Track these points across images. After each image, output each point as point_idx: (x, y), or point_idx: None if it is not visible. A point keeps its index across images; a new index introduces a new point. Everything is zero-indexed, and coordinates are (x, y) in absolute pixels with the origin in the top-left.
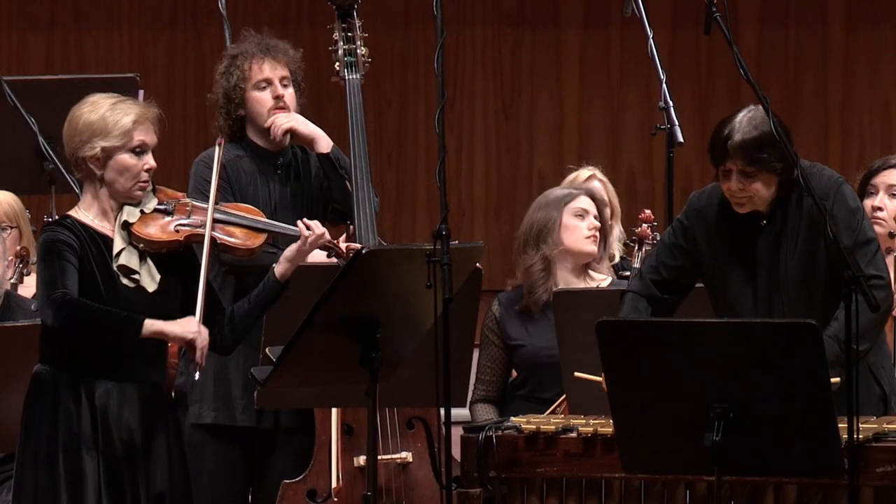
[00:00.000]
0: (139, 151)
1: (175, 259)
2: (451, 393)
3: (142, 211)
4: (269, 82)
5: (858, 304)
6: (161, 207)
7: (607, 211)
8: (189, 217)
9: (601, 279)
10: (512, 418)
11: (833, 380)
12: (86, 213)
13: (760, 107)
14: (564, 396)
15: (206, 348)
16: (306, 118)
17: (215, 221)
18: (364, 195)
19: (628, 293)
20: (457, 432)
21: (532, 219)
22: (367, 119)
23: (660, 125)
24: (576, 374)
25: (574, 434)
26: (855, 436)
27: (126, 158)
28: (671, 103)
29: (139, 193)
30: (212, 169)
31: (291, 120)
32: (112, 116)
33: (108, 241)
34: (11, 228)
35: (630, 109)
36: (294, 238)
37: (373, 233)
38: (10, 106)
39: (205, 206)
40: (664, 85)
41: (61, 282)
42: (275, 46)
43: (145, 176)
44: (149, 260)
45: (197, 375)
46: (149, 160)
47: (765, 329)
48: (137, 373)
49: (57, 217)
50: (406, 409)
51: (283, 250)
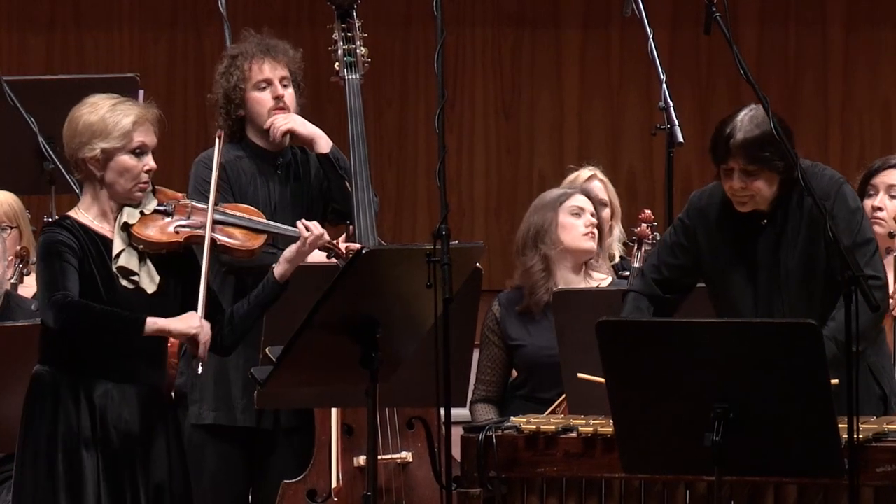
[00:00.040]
0: (139, 153)
1: (174, 260)
2: (452, 393)
3: (142, 212)
4: (269, 83)
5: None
6: (161, 208)
7: (607, 211)
8: (189, 218)
9: (601, 279)
10: (512, 418)
11: (832, 381)
12: (85, 214)
13: (762, 105)
14: (564, 396)
15: (209, 342)
16: (306, 118)
17: (215, 222)
18: (364, 195)
19: (630, 293)
20: (457, 432)
21: (529, 222)
22: (368, 119)
23: (660, 125)
24: (579, 376)
25: (574, 434)
26: (855, 436)
27: (126, 160)
28: (671, 103)
29: (139, 194)
30: (211, 169)
31: (290, 121)
32: (112, 118)
33: (108, 243)
34: (11, 228)
35: (630, 109)
36: (293, 239)
37: (373, 233)
38: (11, 106)
39: (204, 207)
40: (664, 85)
41: (62, 283)
42: (275, 47)
43: (145, 177)
44: (148, 261)
45: (200, 369)
46: (149, 161)
47: (765, 329)
48: (137, 373)
49: (57, 217)
50: (406, 409)
51: (283, 250)
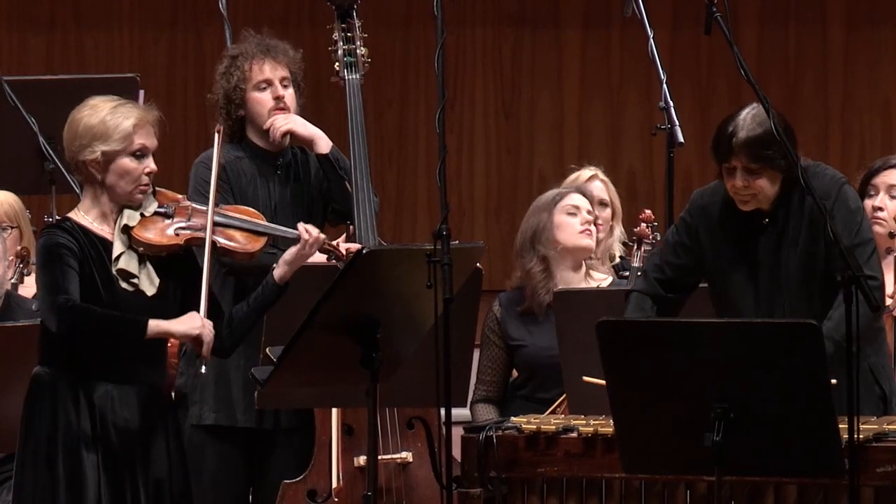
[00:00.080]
0: (140, 155)
1: (174, 262)
2: (452, 393)
3: (142, 214)
4: (270, 83)
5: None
6: (161, 210)
7: (608, 211)
8: (189, 220)
9: (601, 279)
10: (512, 418)
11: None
12: (85, 216)
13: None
14: (565, 396)
15: (212, 342)
16: (306, 118)
17: (215, 224)
18: (364, 195)
19: (633, 293)
20: (457, 432)
21: (526, 224)
22: (368, 119)
23: (660, 125)
24: (585, 379)
25: (574, 434)
26: (855, 436)
27: (126, 162)
28: (671, 103)
29: (140, 197)
30: (211, 170)
31: (290, 121)
32: (112, 120)
33: (108, 245)
34: (12, 228)
35: (630, 109)
36: (294, 241)
37: (373, 233)
38: (11, 106)
39: (205, 209)
40: (664, 85)
41: (63, 287)
42: (275, 47)
43: (146, 179)
44: (148, 263)
45: (203, 369)
46: (149, 164)
47: (765, 329)
48: (137, 374)
49: (56, 219)
50: (406, 409)
51: (284, 251)
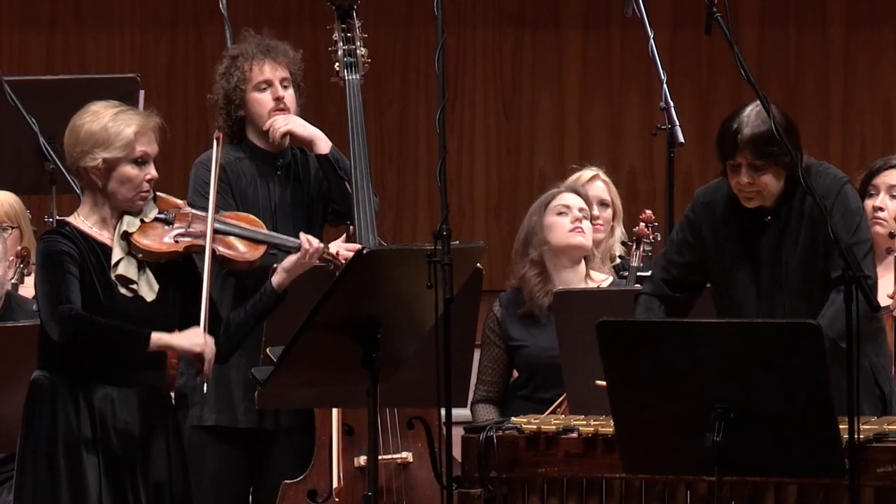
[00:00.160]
0: (141, 162)
1: (174, 268)
2: (452, 393)
3: (142, 220)
4: (270, 83)
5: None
6: (161, 217)
7: (609, 211)
8: (189, 227)
9: (601, 279)
10: (513, 418)
11: None
12: (85, 221)
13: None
14: (565, 396)
15: (213, 360)
16: (307, 118)
17: (215, 232)
18: (364, 196)
19: (641, 295)
20: (457, 432)
21: (521, 228)
22: (368, 119)
23: (660, 125)
24: (598, 383)
25: (575, 434)
26: (856, 436)
27: (128, 169)
28: (672, 103)
29: (140, 203)
30: (211, 170)
31: (290, 122)
32: (114, 127)
33: (108, 250)
34: (12, 229)
35: (631, 110)
36: (294, 249)
37: (373, 233)
38: (11, 106)
39: (205, 216)
40: (665, 85)
41: (65, 295)
42: (275, 48)
43: (147, 186)
44: (147, 270)
45: (205, 388)
46: (150, 170)
47: (766, 329)
48: (137, 377)
49: (56, 224)
50: (406, 410)
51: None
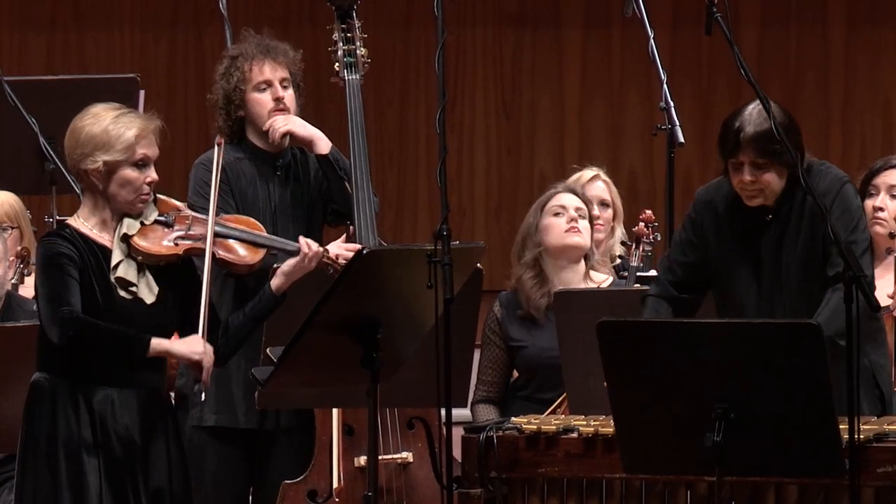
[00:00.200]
0: (141, 165)
1: (173, 270)
2: (452, 393)
3: (142, 222)
4: (269, 84)
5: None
6: (161, 219)
7: (609, 212)
8: (189, 229)
9: (601, 279)
10: (513, 419)
11: None
12: (85, 223)
13: (762, 105)
14: (565, 396)
15: (212, 368)
16: (307, 118)
17: (215, 235)
18: (364, 196)
19: (648, 297)
20: (457, 433)
21: (520, 230)
22: (368, 119)
23: (660, 125)
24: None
25: (575, 434)
26: (856, 436)
27: (128, 172)
28: (672, 104)
29: (141, 206)
30: (212, 171)
31: (289, 123)
32: (115, 130)
33: (107, 253)
34: (12, 229)
35: (631, 110)
36: (293, 253)
37: (373, 233)
38: (11, 106)
39: (205, 218)
40: (665, 85)
41: (65, 298)
42: (275, 48)
43: (147, 189)
44: (147, 272)
45: (203, 397)
46: (151, 173)
47: (766, 329)
48: (137, 378)
49: (56, 226)
50: (407, 410)
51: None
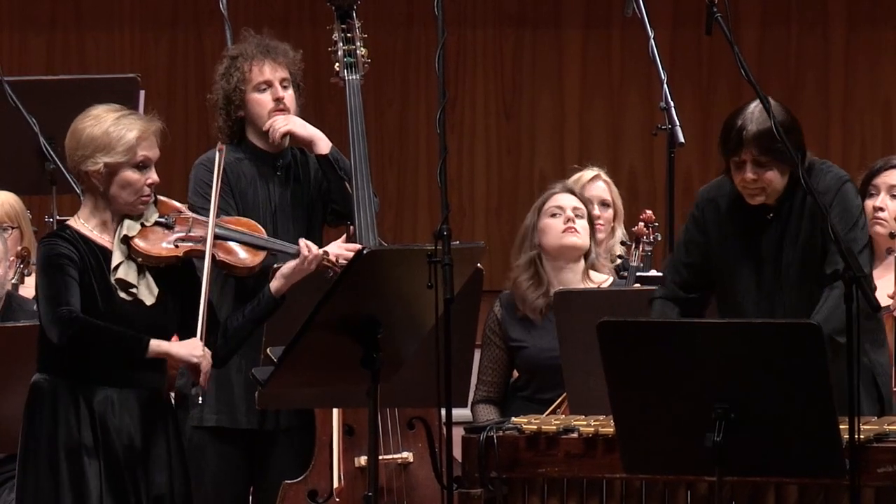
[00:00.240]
0: (142, 166)
1: (173, 272)
2: (453, 393)
3: (142, 224)
4: (270, 84)
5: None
6: (161, 221)
7: (609, 212)
8: (189, 231)
9: (601, 279)
10: (513, 419)
11: None
12: (85, 224)
13: (770, 99)
14: (565, 396)
15: (210, 372)
16: (307, 118)
17: (215, 237)
18: (364, 196)
19: (655, 299)
20: (458, 433)
21: (519, 231)
22: (369, 119)
23: (661, 125)
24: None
25: (575, 434)
26: (856, 436)
27: (129, 174)
28: (672, 104)
29: (141, 208)
30: (212, 172)
31: (289, 123)
32: (116, 132)
33: (108, 254)
34: (12, 229)
35: (631, 110)
36: (293, 255)
37: (373, 233)
38: (12, 106)
39: (205, 220)
40: (665, 85)
41: (65, 298)
42: (275, 48)
43: (148, 191)
44: (147, 273)
45: (200, 400)
46: (151, 175)
47: (766, 329)
48: (137, 378)
49: (56, 226)
50: (407, 410)
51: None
